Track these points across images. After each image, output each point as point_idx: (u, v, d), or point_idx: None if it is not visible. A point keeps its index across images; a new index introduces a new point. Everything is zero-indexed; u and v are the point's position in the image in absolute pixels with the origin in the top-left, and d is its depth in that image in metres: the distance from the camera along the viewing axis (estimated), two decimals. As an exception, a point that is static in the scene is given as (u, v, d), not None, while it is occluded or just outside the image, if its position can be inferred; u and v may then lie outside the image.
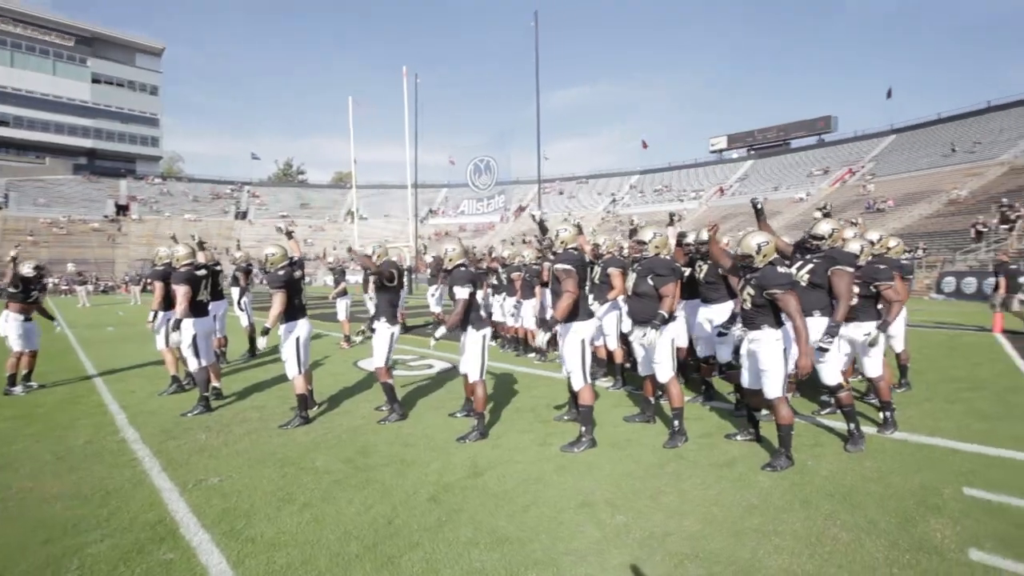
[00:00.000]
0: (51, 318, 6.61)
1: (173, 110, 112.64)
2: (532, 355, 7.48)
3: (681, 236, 5.06)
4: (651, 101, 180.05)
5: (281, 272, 4.43)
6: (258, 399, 5.48)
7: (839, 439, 3.95)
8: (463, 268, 4.25)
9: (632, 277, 4.10)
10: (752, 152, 53.07)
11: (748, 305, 3.60)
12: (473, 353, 4.25)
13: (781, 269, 3.51)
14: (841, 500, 3.00)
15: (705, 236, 4.31)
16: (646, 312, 4.05)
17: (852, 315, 4.04)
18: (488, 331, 4.40)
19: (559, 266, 3.88)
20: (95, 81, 54.26)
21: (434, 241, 49.24)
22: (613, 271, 5.26)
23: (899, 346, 5.27)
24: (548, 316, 3.97)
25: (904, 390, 5.32)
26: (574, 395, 4.60)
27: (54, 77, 52.06)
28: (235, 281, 8.37)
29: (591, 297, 4.71)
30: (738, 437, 4.03)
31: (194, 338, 4.92)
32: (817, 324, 3.89)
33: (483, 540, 2.64)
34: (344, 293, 9.51)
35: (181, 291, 4.78)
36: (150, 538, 2.72)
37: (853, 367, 5.01)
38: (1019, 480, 3.22)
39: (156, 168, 60.09)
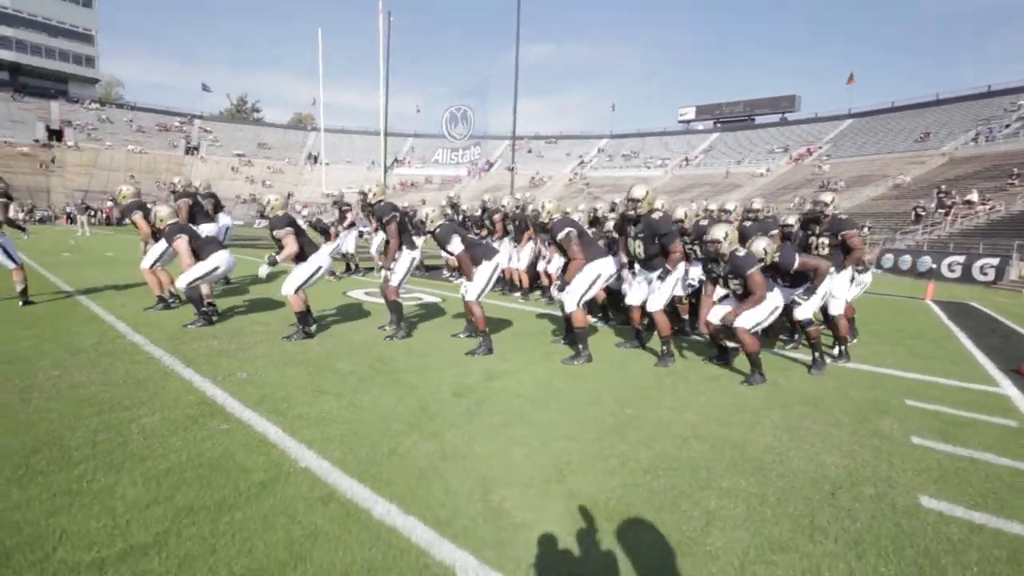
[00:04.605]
0: (22, 228, 6.32)
1: (111, 30, 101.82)
2: (517, 293, 7.79)
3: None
4: (620, 66, 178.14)
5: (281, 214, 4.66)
6: (258, 317, 5.55)
7: (803, 366, 4.50)
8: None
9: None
10: (719, 125, 54.03)
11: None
12: (480, 278, 4.52)
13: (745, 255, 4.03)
14: (810, 404, 3.52)
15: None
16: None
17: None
18: (498, 261, 4.67)
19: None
20: (14, -17, 48.02)
21: (400, 192, 48.15)
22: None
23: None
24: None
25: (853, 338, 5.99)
26: (568, 320, 4.99)
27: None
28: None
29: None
30: (714, 360, 4.54)
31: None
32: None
33: (514, 423, 2.98)
34: (352, 226, 9.77)
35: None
36: (199, 413, 2.90)
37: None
38: (950, 396, 3.86)
39: (92, 91, 54.66)
